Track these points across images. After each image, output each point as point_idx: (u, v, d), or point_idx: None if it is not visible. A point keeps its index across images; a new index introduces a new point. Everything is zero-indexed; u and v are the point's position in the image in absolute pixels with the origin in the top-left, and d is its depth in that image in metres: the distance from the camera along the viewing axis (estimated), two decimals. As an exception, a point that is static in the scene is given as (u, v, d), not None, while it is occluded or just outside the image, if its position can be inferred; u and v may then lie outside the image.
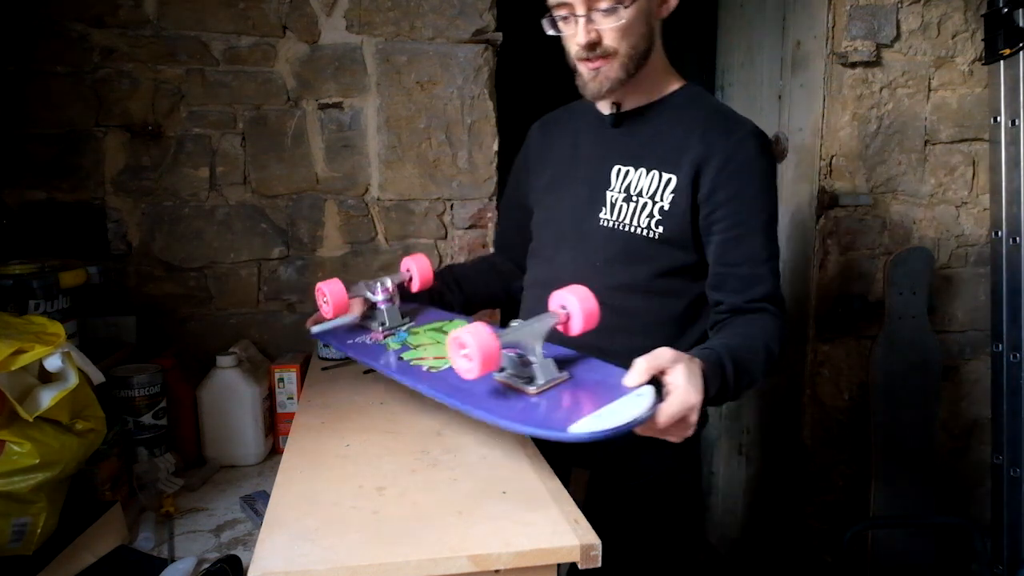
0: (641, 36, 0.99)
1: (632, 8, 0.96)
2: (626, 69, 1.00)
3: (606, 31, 0.97)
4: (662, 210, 1.03)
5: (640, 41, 1.00)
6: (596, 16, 0.96)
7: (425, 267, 1.16)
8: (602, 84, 1.01)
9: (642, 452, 1.04)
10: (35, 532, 0.90)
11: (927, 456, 1.81)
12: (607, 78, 1.01)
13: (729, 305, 1.02)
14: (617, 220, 1.06)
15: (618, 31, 0.97)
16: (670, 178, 1.03)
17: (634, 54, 1.00)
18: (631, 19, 0.96)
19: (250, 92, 1.64)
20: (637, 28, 0.98)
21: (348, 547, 0.70)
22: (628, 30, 0.97)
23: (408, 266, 1.17)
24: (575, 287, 0.88)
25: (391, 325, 1.13)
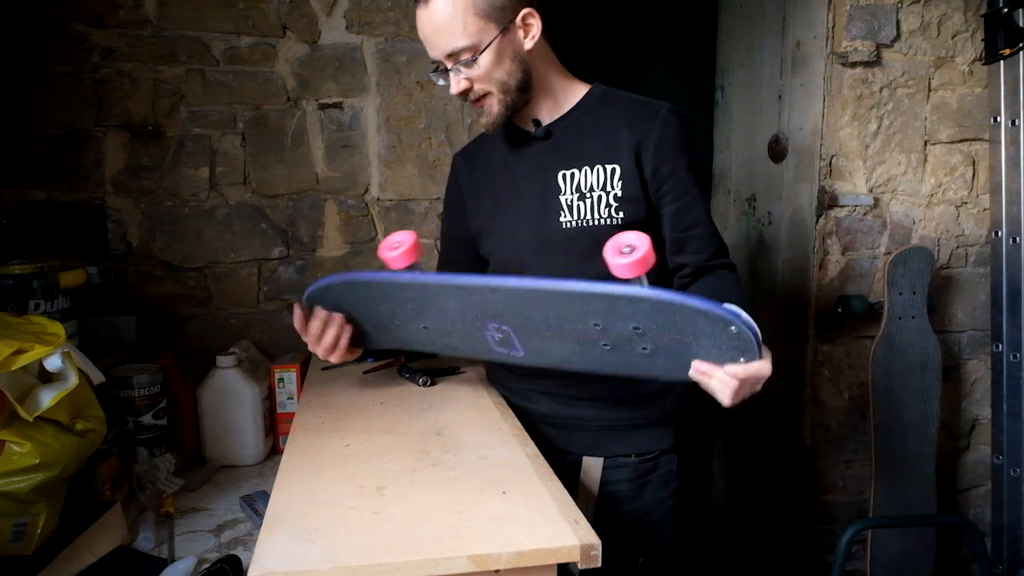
0: (508, 73, 1.07)
1: (487, 54, 1.04)
2: (505, 104, 1.09)
3: (473, 78, 1.06)
4: (617, 197, 1.10)
5: (508, 77, 1.07)
6: (461, 68, 1.05)
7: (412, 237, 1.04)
8: (490, 119, 1.10)
9: (647, 435, 1.18)
10: (35, 532, 0.90)
11: (927, 456, 1.81)
12: (491, 114, 1.10)
13: (693, 266, 1.12)
14: (579, 218, 1.12)
15: (483, 77, 1.06)
16: (614, 168, 1.10)
17: (508, 89, 1.08)
18: (491, 64, 1.04)
19: (250, 92, 1.64)
20: (500, 68, 1.06)
21: (348, 547, 0.70)
22: (491, 73, 1.05)
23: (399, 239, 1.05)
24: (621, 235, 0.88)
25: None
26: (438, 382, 1.31)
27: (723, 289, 1.07)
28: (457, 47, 1.03)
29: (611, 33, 2.45)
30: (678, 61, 2.47)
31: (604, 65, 1.98)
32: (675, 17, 2.46)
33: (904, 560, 1.83)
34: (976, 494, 1.97)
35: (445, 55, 1.05)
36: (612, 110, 1.13)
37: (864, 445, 1.86)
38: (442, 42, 1.04)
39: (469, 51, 1.03)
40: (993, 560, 1.82)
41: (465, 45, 1.03)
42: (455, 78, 1.07)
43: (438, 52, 1.06)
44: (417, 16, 1.06)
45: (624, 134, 1.10)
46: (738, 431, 2.31)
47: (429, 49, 1.08)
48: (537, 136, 1.16)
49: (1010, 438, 1.78)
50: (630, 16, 2.44)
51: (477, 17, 1.02)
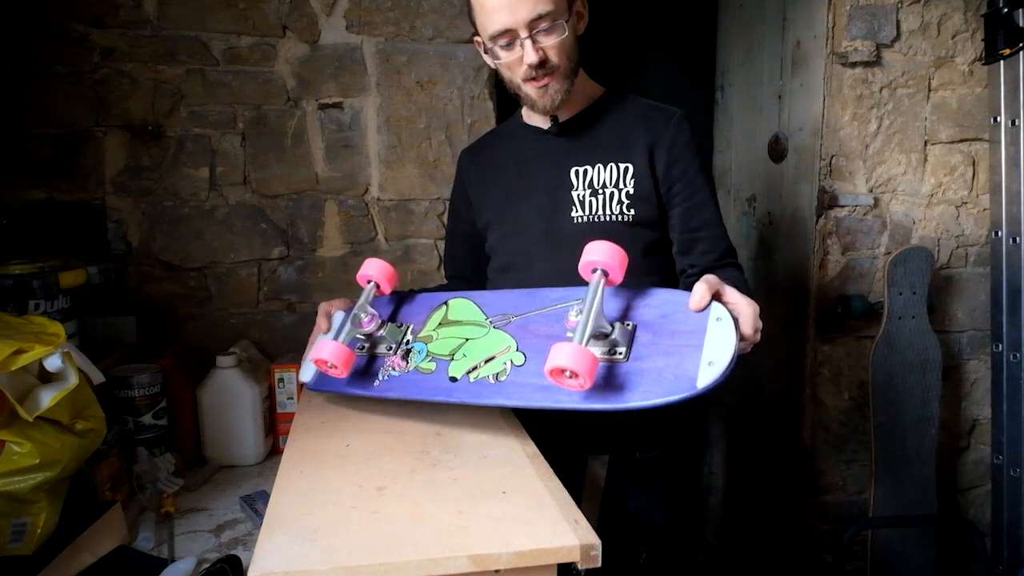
0: (574, 49, 1.09)
1: (569, 25, 1.05)
2: (570, 80, 1.10)
3: (549, 48, 1.05)
4: (629, 195, 1.11)
5: (574, 55, 1.09)
6: (539, 36, 1.03)
7: (384, 269, 1.11)
8: (552, 98, 1.09)
9: (651, 430, 1.19)
10: (35, 532, 0.90)
11: (927, 456, 1.81)
12: (556, 91, 1.09)
13: (701, 267, 1.12)
14: (591, 214, 1.13)
15: (559, 47, 1.05)
16: (627, 166, 1.12)
17: (572, 66, 1.09)
18: (567, 35, 1.05)
19: (250, 92, 1.64)
20: (572, 42, 1.07)
21: (348, 547, 0.70)
22: (566, 46, 1.06)
23: (368, 275, 1.12)
24: (591, 245, 0.89)
25: (398, 342, 1.10)
26: (438, 382, 1.31)
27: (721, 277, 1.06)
28: (544, 11, 1.01)
29: (611, 33, 2.45)
30: (678, 61, 2.47)
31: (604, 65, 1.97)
32: (675, 17, 2.46)
33: (904, 560, 1.83)
34: (976, 494, 1.97)
35: (528, 20, 1.02)
36: (627, 111, 1.15)
37: (864, 445, 1.86)
38: (528, 6, 1.01)
39: (551, 18, 1.02)
40: (993, 560, 1.82)
41: (550, 10, 1.02)
42: (533, 47, 1.03)
43: (518, 18, 1.01)
44: None
45: (639, 134, 1.12)
46: (738, 431, 2.31)
47: (503, 15, 1.02)
48: (551, 132, 1.17)
49: (1010, 438, 1.78)
50: (630, 16, 2.44)
51: None
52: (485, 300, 1.07)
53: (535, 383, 0.91)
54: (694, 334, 0.83)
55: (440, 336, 1.07)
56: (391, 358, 1.08)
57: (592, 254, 0.87)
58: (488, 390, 0.95)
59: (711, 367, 0.79)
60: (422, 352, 1.06)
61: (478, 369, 0.98)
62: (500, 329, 1.01)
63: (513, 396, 0.92)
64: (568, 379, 0.81)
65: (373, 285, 1.11)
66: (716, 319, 0.83)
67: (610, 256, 0.87)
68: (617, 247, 0.88)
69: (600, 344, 0.87)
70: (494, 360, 0.97)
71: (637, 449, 1.19)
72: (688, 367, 0.81)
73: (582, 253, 0.88)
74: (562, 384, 0.82)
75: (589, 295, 0.86)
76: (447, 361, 1.02)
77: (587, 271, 0.89)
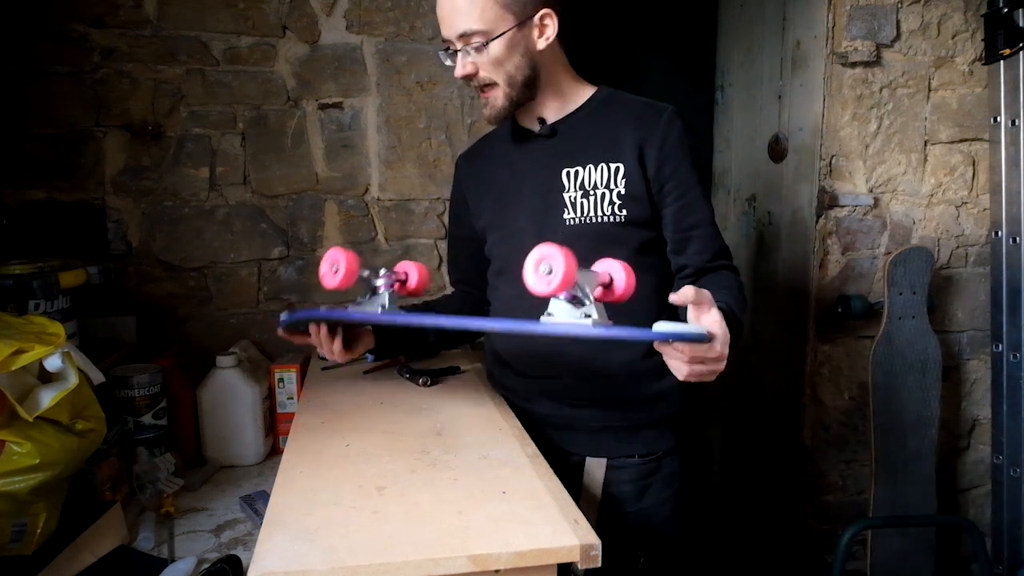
0: (516, 67, 1.07)
1: (498, 43, 1.04)
2: (509, 98, 1.09)
3: (480, 64, 1.06)
4: (620, 195, 1.10)
5: (516, 72, 1.08)
6: (470, 51, 1.05)
7: (423, 272, 1.13)
8: (492, 111, 1.11)
9: (650, 436, 1.18)
10: (35, 532, 0.90)
11: (927, 456, 1.81)
12: (494, 106, 1.11)
13: (695, 267, 1.12)
14: (583, 215, 1.12)
15: (490, 65, 1.06)
16: (618, 166, 1.10)
17: (513, 83, 1.08)
18: (500, 54, 1.05)
19: (250, 92, 1.64)
20: (510, 60, 1.06)
21: (348, 547, 0.70)
22: (500, 63, 1.06)
23: (406, 268, 1.14)
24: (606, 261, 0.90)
25: (390, 309, 1.09)
26: (438, 382, 1.31)
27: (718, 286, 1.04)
28: (470, 29, 1.03)
29: (611, 33, 2.45)
30: (678, 61, 2.47)
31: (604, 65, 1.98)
32: (675, 17, 2.46)
33: (904, 560, 1.83)
34: (976, 494, 1.97)
35: (457, 35, 1.05)
36: (617, 110, 1.14)
37: (864, 445, 1.86)
38: (457, 21, 1.04)
39: (481, 36, 1.03)
40: (993, 560, 1.82)
41: (478, 29, 1.03)
42: (462, 60, 1.07)
43: (451, 31, 1.05)
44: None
45: (628, 133, 1.11)
46: (738, 431, 2.31)
47: (443, 28, 1.07)
48: (542, 134, 1.17)
49: (1010, 438, 1.78)
50: (630, 16, 2.44)
51: (496, 5, 1.03)
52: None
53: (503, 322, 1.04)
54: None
55: None
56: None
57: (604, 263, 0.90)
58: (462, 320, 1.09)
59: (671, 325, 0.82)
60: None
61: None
62: None
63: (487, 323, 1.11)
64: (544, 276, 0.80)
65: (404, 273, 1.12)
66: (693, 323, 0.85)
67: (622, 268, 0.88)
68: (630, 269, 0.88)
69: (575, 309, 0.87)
70: None
71: (636, 452, 1.19)
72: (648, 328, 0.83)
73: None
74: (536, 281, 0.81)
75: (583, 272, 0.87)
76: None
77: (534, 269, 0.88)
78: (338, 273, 1.03)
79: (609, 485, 1.18)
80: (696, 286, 1.10)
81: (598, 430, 1.18)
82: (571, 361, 1.15)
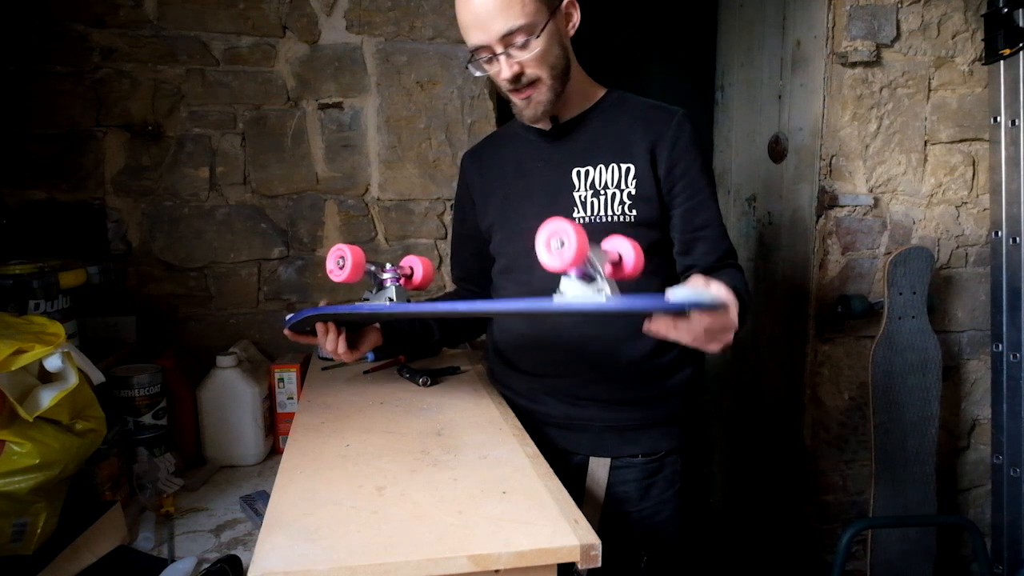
0: (557, 57, 1.07)
1: (543, 36, 1.03)
2: (554, 90, 1.08)
3: (526, 62, 1.04)
4: (630, 195, 1.11)
5: (557, 62, 1.07)
6: (513, 51, 1.03)
7: (427, 266, 1.16)
8: (536, 109, 1.09)
9: (653, 436, 1.18)
10: (35, 532, 0.90)
11: (927, 456, 1.81)
12: (539, 103, 1.09)
13: (701, 267, 1.13)
14: (593, 214, 1.13)
15: (536, 60, 1.04)
16: (628, 167, 1.11)
17: (556, 75, 1.07)
18: (545, 46, 1.03)
19: (250, 92, 1.64)
20: (552, 52, 1.05)
21: (348, 547, 0.70)
22: (544, 56, 1.05)
23: (410, 263, 1.16)
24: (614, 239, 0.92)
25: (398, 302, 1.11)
26: (438, 382, 1.31)
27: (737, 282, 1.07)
28: (515, 26, 1.00)
29: (612, 33, 2.45)
30: (678, 61, 2.47)
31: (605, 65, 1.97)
32: (675, 17, 2.46)
33: (904, 560, 1.83)
34: (976, 494, 1.97)
35: (500, 36, 1.01)
36: (628, 112, 1.15)
37: (864, 445, 1.86)
38: (498, 22, 1.00)
39: (524, 32, 1.01)
40: (993, 560, 1.82)
41: (523, 24, 1.00)
42: (508, 62, 1.03)
43: (491, 34, 1.01)
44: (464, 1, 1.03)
45: (639, 134, 1.11)
46: (738, 431, 2.31)
47: (477, 33, 1.02)
48: (552, 133, 1.17)
49: (1010, 438, 1.78)
50: (631, 16, 2.44)
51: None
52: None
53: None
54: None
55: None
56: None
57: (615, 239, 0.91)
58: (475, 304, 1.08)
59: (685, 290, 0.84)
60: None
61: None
62: None
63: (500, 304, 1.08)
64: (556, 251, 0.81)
65: (409, 268, 1.15)
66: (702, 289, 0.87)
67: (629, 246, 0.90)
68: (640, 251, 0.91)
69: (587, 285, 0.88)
70: None
71: (639, 452, 1.19)
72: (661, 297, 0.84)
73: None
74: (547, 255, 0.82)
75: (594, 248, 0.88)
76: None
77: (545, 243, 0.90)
78: (344, 268, 1.04)
79: (612, 485, 1.18)
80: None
81: (602, 430, 1.18)
82: (579, 360, 1.16)
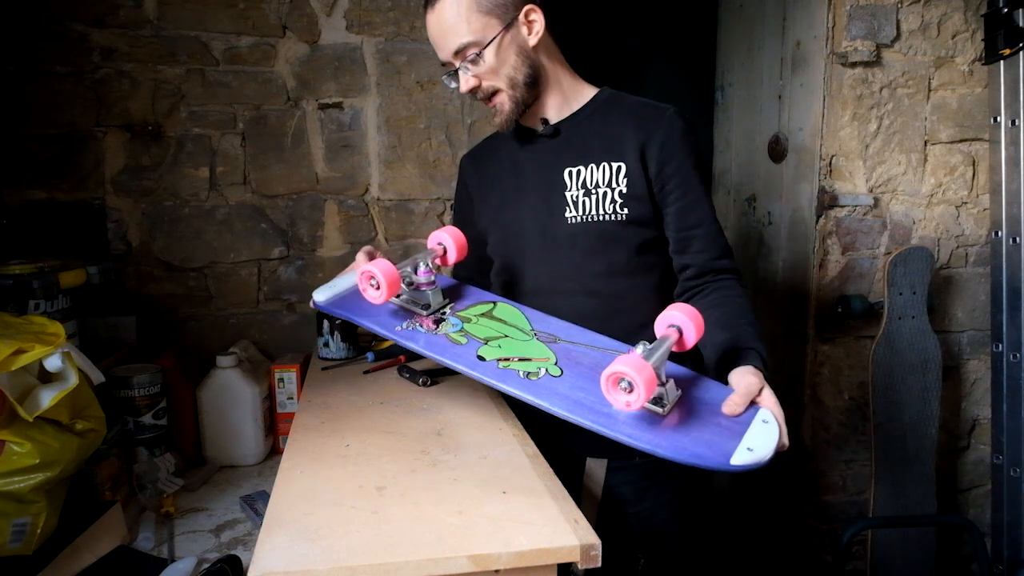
0: (515, 68, 1.09)
1: (491, 49, 1.06)
2: (515, 100, 1.11)
3: (481, 75, 1.08)
4: (622, 194, 1.11)
5: (516, 72, 1.09)
6: (467, 66, 1.08)
7: (459, 237, 1.12)
8: (503, 117, 1.12)
9: None
10: (35, 532, 0.90)
11: (927, 456, 1.81)
12: (503, 111, 1.12)
13: (697, 267, 1.13)
14: (585, 214, 1.13)
15: (489, 72, 1.08)
16: (619, 166, 1.11)
17: (516, 84, 1.10)
18: (495, 59, 1.07)
19: (250, 92, 1.64)
20: (508, 63, 1.08)
21: (348, 547, 0.70)
22: (499, 68, 1.08)
23: (440, 239, 1.12)
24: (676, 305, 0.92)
25: (436, 308, 1.08)
26: (438, 382, 1.31)
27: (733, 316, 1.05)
28: (463, 43, 1.05)
29: (612, 33, 2.45)
30: (678, 61, 2.47)
31: (605, 65, 1.98)
32: (675, 17, 2.45)
33: (904, 560, 1.83)
34: (976, 494, 1.97)
35: (452, 53, 1.07)
36: (619, 111, 1.15)
37: (864, 445, 1.86)
38: (449, 41, 1.06)
39: (474, 47, 1.06)
40: (993, 560, 1.82)
41: (470, 41, 1.05)
42: (463, 76, 1.09)
43: (446, 52, 1.08)
44: (426, 21, 1.09)
45: (630, 133, 1.11)
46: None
47: (439, 52, 1.10)
48: (545, 134, 1.17)
49: (1010, 438, 1.78)
50: (631, 16, 2.44)
51: (480, 14, 1.05)
52: (534, 316, 1.08)
53: (567, 395, 0.88)
54: (738, 423, 0.85)
55: (479, 323, 1.05)
56: (423, 318, 1.06)
57: (672, 311, 0.91)
58: (514, 380, 0.91)
59: (750, 452, 0.80)
60: (457, 326, 1.04)
61: (510, 362, 0.95)
62: (543, 343, 1.00)
63: (540, 396, 0.88)
64: (621, 392, 0.80)
65: (441, 248, 1.12)
66: (763, 420, 0.85)
67: (690, 317, 0.89)
68: (699, 314, 0.90)
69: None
70: (530, 362, 0.95)
71: (637, 453, 1.19)
72: (725, 445, 0.81)
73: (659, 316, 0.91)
74: (611, 397, 0.82)
75: (658, 341, 0.87)
76: (480, 343, 0.99)
77: (662, 326, 0.91)
78: (381, 288, 0.99)
79: (610, 486, 1.18)
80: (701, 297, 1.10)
81: None
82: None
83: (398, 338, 1.01)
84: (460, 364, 0.95)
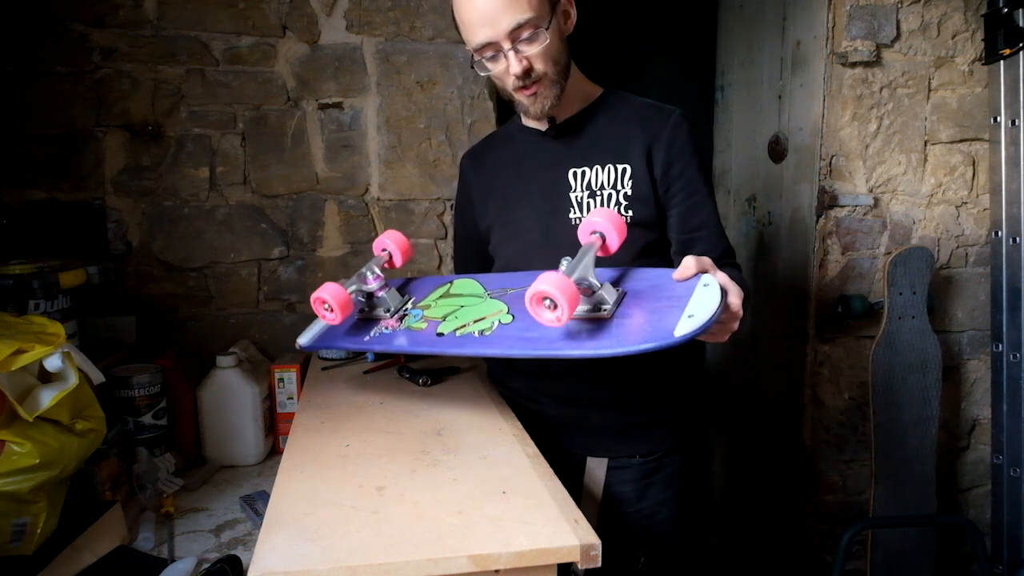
0: (560, 52, 1.07)
1: (552, 29, 1.03)
2: (559, 85, 1.08)
3: (533, 57, 1.03)
4: (627, 196, 1.11)
5: (561, 57, 1.07)
6: (521, 46, 1.02)
7: (401, 240, 1.17)
8: (543, 104, 1.08)
9: (651, 436, 1.19)
10: (35, 532, 0.90)
11: (927, 456, 1.81)
12: (545, 98, 1.08)
13: None
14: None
15: (543, 54, 1.04)
16: (624, 167, 1.11)
17: (560, 70, 1.08)
18: (552, 40, 1.03)
19: (250, 92, 1.64)
20: (556, 47, 1.05)
21: (348, 547, 0.70)
22: (550, 51, 1.04)
23: (383, 245, 1.17)
24: (594, 211, 0.94)
25: (397, 307, 1.14)
26: (438, 382, 1.31)
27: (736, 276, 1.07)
28: (523, 20, 0.99)
29: (611, 33, 2.45)
30: (678, 61, 2.47)
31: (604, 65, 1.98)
32: (675, 17, 2.46)
33: (904, 560, 1.83)
34: (976, 494, 1.97)
35: (508, 32, 1.00)
36: (624, 112, 1.14)
37: (864, 445, 1.86)
38: (507, 17, 0.99)
39: (532, 25, 1.00)
40: (993, 560, 1.82)
41: (530, 17, 0.99)
42: (516, 57, 1.02)
43: (498, 30, 1.00)
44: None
45: (636, 135, 1.11)
46: (738, 431, 2.31)
47: (482, 30, 1.01)
48: (549, 134, 1.17)
49: (1010, 438, 1.78)
50: (631, 16, 2.44)
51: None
52: (489, 279, 1.13)
53: (518, 336, 0.94)
54: (680, 298, 0.86)
55: (438, 305, 1.11)
56: (387, 320, 1.13)
57: (593, 217, 0.92)
58: (471, 342, 0.98)
59: (690, 319, 0.81)
60: (417, 316, 1.10)
61: (466, 327, 1.01)
62: (496, 299, 1.05)
63: (493, 346, 0.94)
64: (548, 310, 0.81)
65: (386, 253, 1.17)
66: (704, 284, 0.86)
67: (610, 221, 0.90)
68: (619, 216, 0.92)
69: (586, 301, 0.89)
70: (483, 320, 1.01)
71: (637, 452, 1.19)
72: (668, 321, 0.82)
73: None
74: (540, 318, 0.82)
75: (581, 250, 0.89)
76: (438, 322, 1.06)
77: (585, 233, 0.92)
78: (333, 311, 1.06)
79: (610, 485, 1.18)
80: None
81: (599, 430, 1.18)
82: (580, 362, 1.15)
83: (368, 346, 1.10)
84: (422, 348, 1.03)
